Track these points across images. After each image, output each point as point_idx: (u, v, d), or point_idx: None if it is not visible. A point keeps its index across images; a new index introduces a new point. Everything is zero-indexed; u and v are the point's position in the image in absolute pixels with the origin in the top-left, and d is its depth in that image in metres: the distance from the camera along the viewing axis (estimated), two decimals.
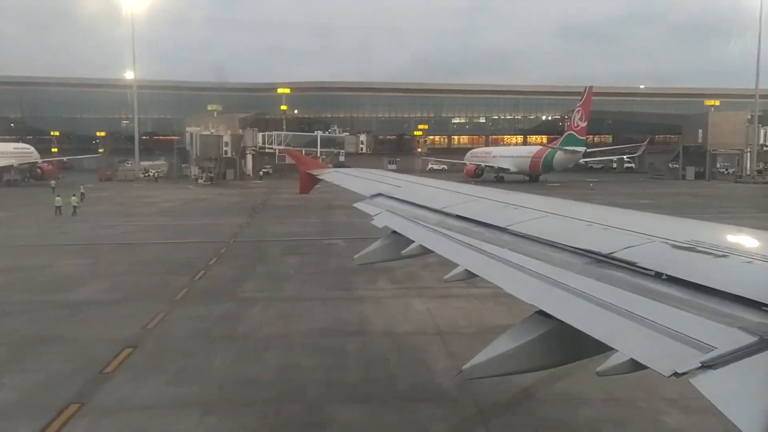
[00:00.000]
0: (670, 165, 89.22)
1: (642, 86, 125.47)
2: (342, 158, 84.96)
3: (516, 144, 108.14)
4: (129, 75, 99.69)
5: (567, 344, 3.79)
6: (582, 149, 70.65)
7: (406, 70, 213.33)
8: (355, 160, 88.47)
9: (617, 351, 3.11)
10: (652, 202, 47.80)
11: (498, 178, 75.54)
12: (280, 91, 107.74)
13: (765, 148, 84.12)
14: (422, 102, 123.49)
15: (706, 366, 2.66)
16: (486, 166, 78.59)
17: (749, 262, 3.68)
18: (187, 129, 78.25)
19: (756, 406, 2.35)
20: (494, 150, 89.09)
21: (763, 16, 77.20)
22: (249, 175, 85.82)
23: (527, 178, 76.08)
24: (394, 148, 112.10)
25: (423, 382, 11.73)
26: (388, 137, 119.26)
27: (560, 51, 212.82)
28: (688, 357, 2.77)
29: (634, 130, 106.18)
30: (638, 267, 3.91)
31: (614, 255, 4.20)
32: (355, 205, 9.86)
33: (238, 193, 61.17)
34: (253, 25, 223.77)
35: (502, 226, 5.81)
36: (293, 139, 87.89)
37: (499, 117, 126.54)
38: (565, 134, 73.01)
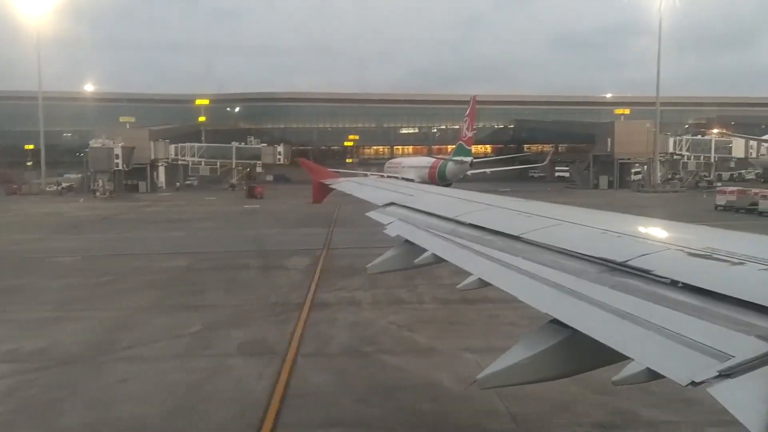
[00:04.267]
0: (586, 173, 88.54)
1: (607, 95, 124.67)
2: (259, 170, 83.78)
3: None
4: (89, 87, 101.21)
5: (582, 353, 3.76)
6: (469, 159, 70.33)
7: (384, 84, 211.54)
8: (287, 171, 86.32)
9: (633, 360, 3.09)
10: None
11: None
12: (198, 102, 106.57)
13: (675, 157, 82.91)
14: (364, 112, 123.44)
15: (723, 375, 2.64)
16: (389, 176, 78.52)
17: (766, 269, 3.65)
18: (90, 141, 77.10)
19: None
20: (404, 161, 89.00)
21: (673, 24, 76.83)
22: (162, 187, 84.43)
23: None
24: (338, 159, 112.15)
25: None
26: (332, 147, 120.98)
27: (526, 61, 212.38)
28: (705, 366, 2.75)
29: (571, 139, 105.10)
30: (653, 275, 3.88)
31: (629, 263, 4.17)
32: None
33: (113, 207, 57.61)
34: (218, 38, 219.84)
35: (516, 234, 5.79)
36: (207, 151, 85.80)
37: (446, 127, 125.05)
38: (456, 145, 72.51)
